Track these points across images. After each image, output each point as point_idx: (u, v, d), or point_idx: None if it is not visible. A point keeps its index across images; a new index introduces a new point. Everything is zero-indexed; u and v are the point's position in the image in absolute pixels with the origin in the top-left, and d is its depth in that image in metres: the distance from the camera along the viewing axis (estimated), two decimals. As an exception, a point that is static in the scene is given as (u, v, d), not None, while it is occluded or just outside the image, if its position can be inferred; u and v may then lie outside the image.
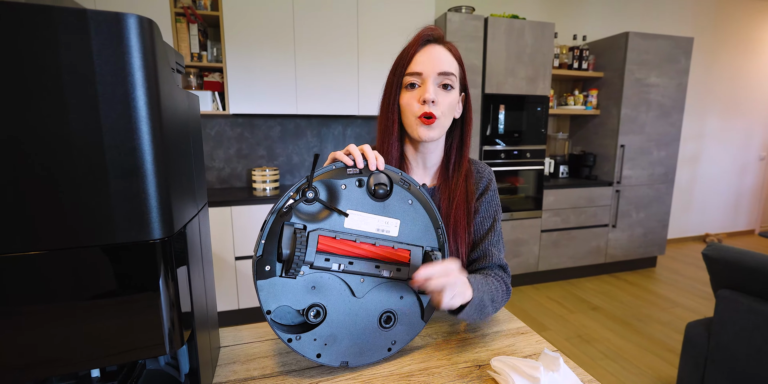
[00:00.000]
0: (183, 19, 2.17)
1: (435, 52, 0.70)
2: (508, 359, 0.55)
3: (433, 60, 0.69)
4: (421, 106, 0.68)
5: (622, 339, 2.11)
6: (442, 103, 0.69)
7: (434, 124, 0.69)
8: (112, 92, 0.38)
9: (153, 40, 0.40)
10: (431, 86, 0.68)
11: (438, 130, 0.71)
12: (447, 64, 0.69)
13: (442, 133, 0.73)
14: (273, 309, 0.55)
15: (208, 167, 2.55)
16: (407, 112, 0.71)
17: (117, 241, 0.40)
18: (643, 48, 2.81)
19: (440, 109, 0.69)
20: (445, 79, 0.69)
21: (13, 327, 0.38)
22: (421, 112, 0.68)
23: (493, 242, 0.77)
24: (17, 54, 0.35)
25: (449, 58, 0.70)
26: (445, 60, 0.69)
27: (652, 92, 2.90)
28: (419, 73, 0.69)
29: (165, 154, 0.41)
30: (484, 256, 0.76)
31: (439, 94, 0.69)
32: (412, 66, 0.69)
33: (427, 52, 0.70)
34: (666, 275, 3.09)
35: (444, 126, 0.72)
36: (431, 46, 0.70)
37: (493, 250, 0.76)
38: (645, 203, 3.05)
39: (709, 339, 1.37)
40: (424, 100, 0.67)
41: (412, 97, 0.70)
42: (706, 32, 3.69)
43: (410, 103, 0.70)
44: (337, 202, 0.57)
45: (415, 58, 0.70)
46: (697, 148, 3.90)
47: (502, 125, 2.62)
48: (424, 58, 0.69)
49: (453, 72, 0.70)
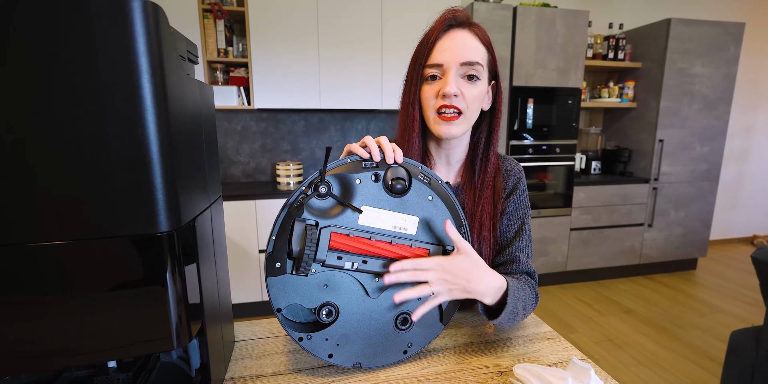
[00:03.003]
0: (210, 15, 2.20)
1: (458, 39, 0.64)
2: (533, 367, 0.51)
3: (456, 48, 0.63)
4: (440, 100, 0.63)
5: (657, 344, 2.00)
6: (466, 95, 0.63)
7: (457, 120, 0.64)
8: (116, 79, 0.36)
9: (158, 26, 0.38)
10: (453, 78, 0.63)
11: (462, 125, 0.65)
12: (472, 51, 0.63)
13: (467, 128, 0.67)
14: (284, 307, 0.53)
15: (233, 161, 2.60)
16: (426, 106, 0.66)
17: (123, 234, 0.39)
18: (686, 35, 2.62)
19: (465, 102, 0.64)
20: (470, 70, 0.63)
21: (21, 318, 0.38)
22: (439, 105, 0.64)
23: (521, 247, 0.71)
24: (18, 41, 0.34)
25: (475, 43, 0.64)
26: (470, 47, 0.63)
27: (696, 83, 2.71)
28: (440, 64, 0.63)
29: (172, 145, 0.40)
30: (511, 262, 0.70)
31: (462, 85, 0.63)
32: (433, 56, 0.64)
33: (450, 38, 0.64)
34: (707, 279, 2.90)
35: (469, 121, 0.66)
36: (454, 32, 0.64)
37: (520, 255, 0.70)
38: (685, 202, 2.87)
39: (758, 349, 1.26)
40: (444, 94, 0.62)
41: (432, 91, 0.65)
42: (758, 17, 3.40)
43: (429, 97, 0.65)
44: (352, 197, 0.55)
45: (436, 47, 0.64)
46: (746, 144, 3.62)
47: (531, 119, 2.52)
48: (446, 47, 0.63)
49: (478, 61, 0.63)
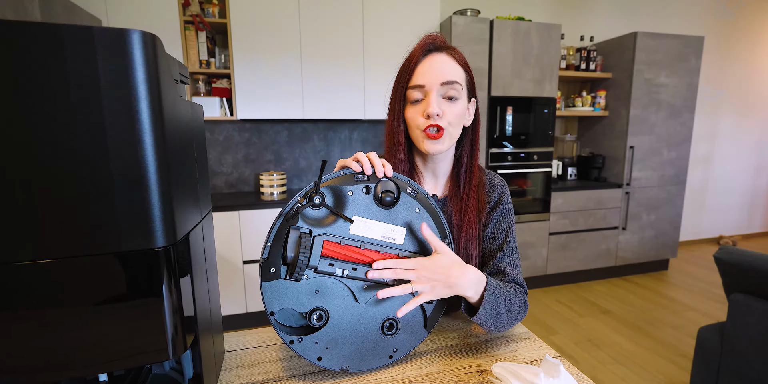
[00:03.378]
0: (192, 27, 2.21)
1: (437, 62, 0.68)
2: (509, 365, 0.55)
3: (435, 70, 0.67)
4: (426, 119, 0.68)
5: (633, 343, 2.08)
6: (448, 114, 0.68)
7: (441, 137, 0.68)
8: (117, 105, 0.39)
9: (156, 54, 0.41)
10: (434, 99, 0.67)
11: (446, 142, 0.70)
12: (450, 73, 0.68)
13: (451, 144, 0.71)
14: (276, 310, 0.56)
15: (216, 172, 2.59)
16: (413, 126, 0.70)
17: (122, 250, 0.41)
18: (652, 48, 2.78)
19: (447, 120, 0.68)
20: (450, 90, 0.68)
21: (20, 333, 0.39)
22: (425, 125, 0.67)
23: (504, 259, 0.74)
24: (28, 70, 0.36)
25: (452, 65, 0.69)
26: (447, 69, 0.68)
27: (661, 92, 2.87)
28: (421, 85, 0.68)
29: (168, 165, 0.43)
30: (497, 273, 0.73)
31: (443, 105, 0.68)
32: (414, 79, 0.68)
33: (429, 62, 0.68)
34: (678, 278, 3.03)
35: (453, 137, 0.71)
36: (433, 56, 0.69)
37: (506, 266, 0.73)
38: (656, 205, 3.00)
39: (722, 344, 1.34)
40: (428, 114, 0.67)
41: (416, 112, 0.69)
42: (717, 31, 3.63)
43: (415, 117, 0.69)
44: (344, 208, 0.58)
45: (417, 70, 0.68)
46: (710, 149, 3.83)
47: (509, 127, 2.61)
48: (426, 69, 0.68)
49: (457, 80, 0.68)
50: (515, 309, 0.67)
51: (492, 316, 0.63)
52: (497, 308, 0.63)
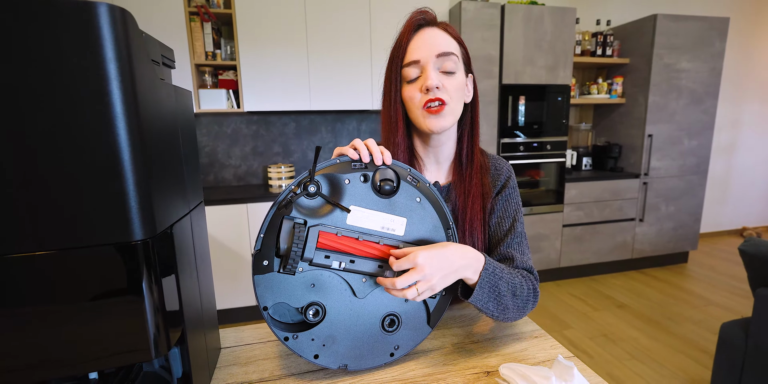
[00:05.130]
0: (197, 18, 2.18)
1: (429, 36, 0.65)
2: (518, 367, 0.51)
3: (429, 43, 0.64)
4: (425, 95, 0.64)
5: (650, 339, 2.01)
6: (448, 87, 0.64)
7: (443, 111, 0.64)
8: (85, 84, 0.36)
9: (127, 30, 0.38)
10: (432, 72, 0.63)
11: (449, 117, 0.65)
12: (445, 44, 0.64)
13: (454, 120, 0.67)
14: (270, 305, 0.53)
15: (224, 165, 2.58)
16: (411, 105, 0.66)
17: (97, 243, 0.38)
18: (672, 31, 2.64)
19: (447, 94, 0.64)
20: (446, 61, 0.64)
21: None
22: (425, 101, 0.63)
23: (512, 245, 0.70)
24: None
25: (446, 38, 0.65)
26: (442, 41, 0.64)
27: (682, 78, 2.74)
28: (416, 60, 0.64)
29: (145, 150, 0.39)
30: (504, 260, 0.69)
31: (442, 78, 0.64)
32: (409, 55, 0.65)
33: (421, 37, 0.65)
34: (699, 271, 2.93)
35: (455, 112, 0.66)
36: (424, 30, 0.65)
37: (514, 253, 0.69)
38: (675, 196, 2.89)
39: (747, 340, 1.27)
40: (427, 88, 0.62)
41: (414, 89, 0.65)
42: (743, 11, 3.44)
43: (413, 95, 0.65)
44: (340, 197, 0.55)
45: (410, 46, 0.65)
46: (733, 137, 3.66)
47: (522, 116, 2.53)
48: (419, 44, 0.64)
49: (453, 51, 0.64)
50: (523, 295, 0.62)
51: (492, 297, 0.59)
52: (497, 290, 0.59)
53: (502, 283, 0.59)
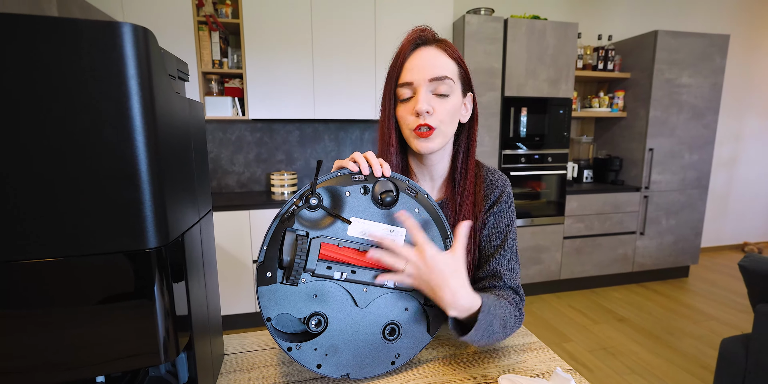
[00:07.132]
0: (205, 27, 2.23)
1: (426, 56, 0.64)
2: (517, 378, 0.52)
3: (424, 66, 0.64)
4: (416, 118, 0.64)
5: (650, 353, 2.00)
6: (439, 111, 0.64)
7: (432, 135, 0.65)
8: (106, 100, 0.38)
9: (148, 48, 0.40)
10: (424, 96, 0.63)
11: (438, 140, 0.66)
12: (439, 67, 0.64)
13: (444, 142, 0.67)
14: (273, 316, 0.54)
15: (228, 171, 2.61)
16: (403, 125, 0.67)
17: (111, 250, 0.39)
18: (673, 47, 2.69)
19: (438, 118, 0.64)
20: (440, 85, 0.64)
21: (9, 334, 0.38)
22: (415, 124, 0.64)
23: (502, 261, 0.69)
24: (13, 64, 0.35)
25: (443, 59, 0.65)
26: (437, 63, 0.64)
27: (683, 93, 2.77)
28: (410, 82, 0.64)
29: (161, 162, 0.41)
30: (493, 276, 0.69)
31: (434, 102, 0.64)
32: (403, 75, 0.65)
33: (417, 57, 0.65)
34: (700, 286, 2.92)
35: (445, 134, 0.67)
36: (421, 50, 0.65)
37: (502, 269, 0.68)
38: (676, 210, 2.90)
39: (747, 357, 1.27)
40: (417, 111, 0.63)
41: (406, 110, 0.66)
42: (743, 28, 3.49)
43: (405, 116, 0.66)
44: (341, 209, 0.56)
45: (406, 66, 0.65)
46: (734, 151, 3.68)
47: (524, 128, 2.56)
48: (414, 65, 0.64)
49: (447, 75, 0.64)
50: (511, 324, 0.63)
51: (485, 335, 0.58)
52: (491, 328, 0.58)
53: (496, 321, 0.59)
